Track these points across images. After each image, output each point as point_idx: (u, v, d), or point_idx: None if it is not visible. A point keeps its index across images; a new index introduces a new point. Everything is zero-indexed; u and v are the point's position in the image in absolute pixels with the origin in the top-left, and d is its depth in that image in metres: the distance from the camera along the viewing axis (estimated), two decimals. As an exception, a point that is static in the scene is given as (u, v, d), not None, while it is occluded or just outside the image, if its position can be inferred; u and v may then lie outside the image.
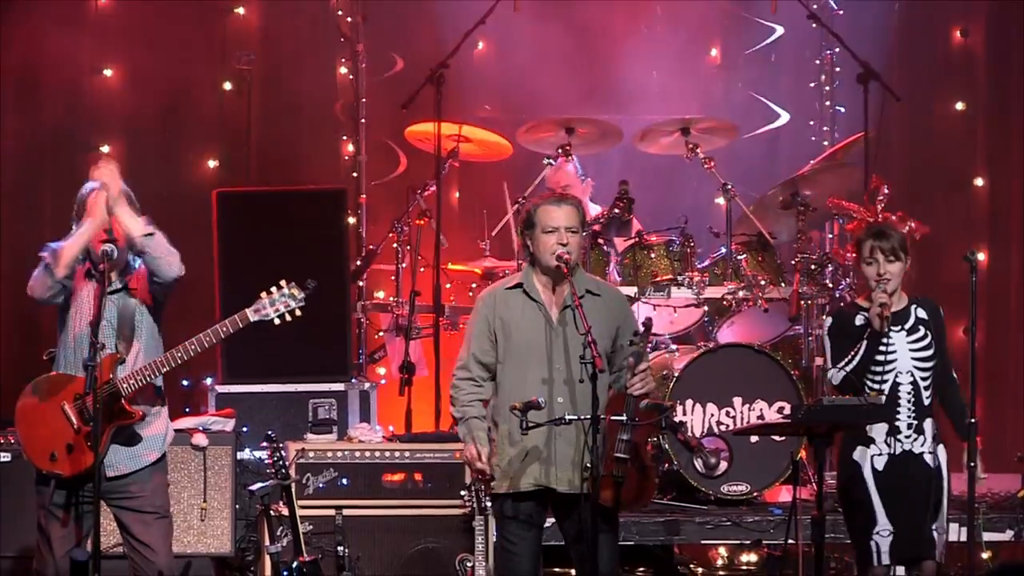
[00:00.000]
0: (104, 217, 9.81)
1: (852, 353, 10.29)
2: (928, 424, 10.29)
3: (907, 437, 10.25)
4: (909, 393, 10.26)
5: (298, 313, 10.09)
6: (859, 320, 10.28)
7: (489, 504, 10.15)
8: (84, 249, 9.81)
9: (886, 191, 12.06)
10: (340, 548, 11.08)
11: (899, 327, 10.32)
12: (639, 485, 10.20)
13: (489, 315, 10.05)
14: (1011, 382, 14.63)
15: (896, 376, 10.26)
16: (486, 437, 9.89)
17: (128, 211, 9.84)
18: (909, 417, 10.26)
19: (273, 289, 10.05)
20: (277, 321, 10.05)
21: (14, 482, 11.25)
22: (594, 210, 13.25)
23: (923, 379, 10.29)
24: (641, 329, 10.24)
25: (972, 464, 10.28)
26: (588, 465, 9.77)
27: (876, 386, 10.26)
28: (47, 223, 11.91)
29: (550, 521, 10.22)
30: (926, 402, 10.28)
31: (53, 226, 10.43)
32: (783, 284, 12.89)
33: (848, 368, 10.31)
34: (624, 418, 9.92)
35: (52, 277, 9.79)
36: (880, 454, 10.27)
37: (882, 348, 10.27)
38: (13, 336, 13.52)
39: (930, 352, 10.31)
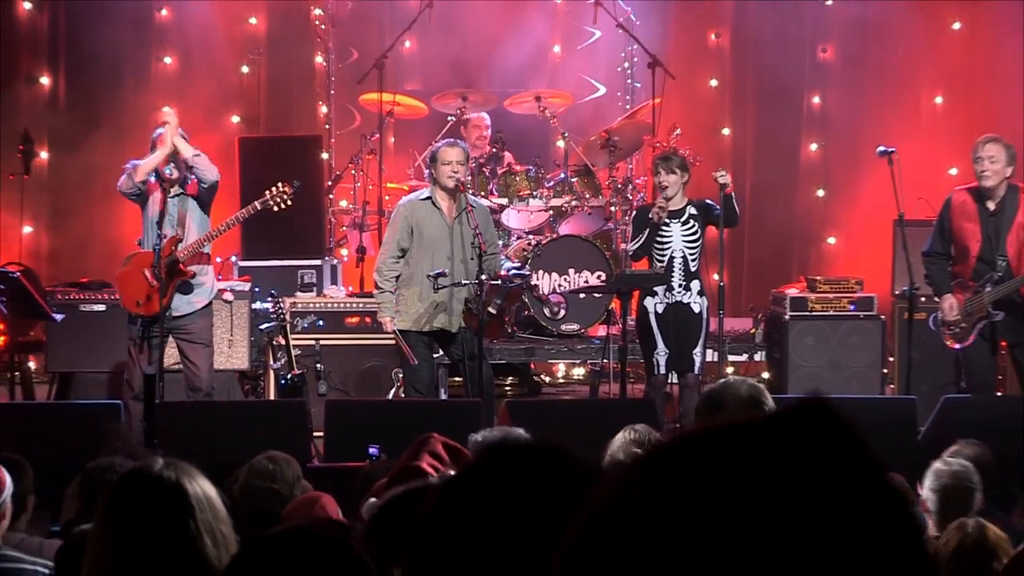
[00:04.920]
0: (170, 148, 10.02)
1: (641, 236, 10.54)
2: (694, 283, 10.44)
3: (678, 292, 10.43)
4: (680, 265, 10.42)
5: (289, 203, 10.36)
6: (651, 213, 10.43)
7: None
8: (156, 167, 10.01)
9: (678, 131, 12.18)
10: (318, 365, 11.03)
11: (677, 220, 10.45)
12: (495, 326, 10.67)
13: (408, 216, 10.29)
14: (745, 259, 14.72)
15: (672, 253, 10.42)
16: (393, 309, 10.28)
17: (183, 142, 10.07)
18: (680, 279, 10.42)
19: (272, 188, 10.30)
20: (275, 209, 10.31)
21: (107, 324, 11.30)
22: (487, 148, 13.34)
23: (690, 255, 10.42)
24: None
25: (721, 311, 10.50)
26: (473, 310, 10.15)
27: (660, 258, 10.50)
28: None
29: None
30: (692, 269, 10.42)
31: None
32: (600, 197, 12.86)
33: (635, 246, 10.58)
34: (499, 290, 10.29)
35: (132, 181, 10.02)
36: (660, 302, 10.44)
37: (664, 236, 10.51)
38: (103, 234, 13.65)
39: (695, 236, 10.44)
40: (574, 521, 1.27)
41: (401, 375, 10.91)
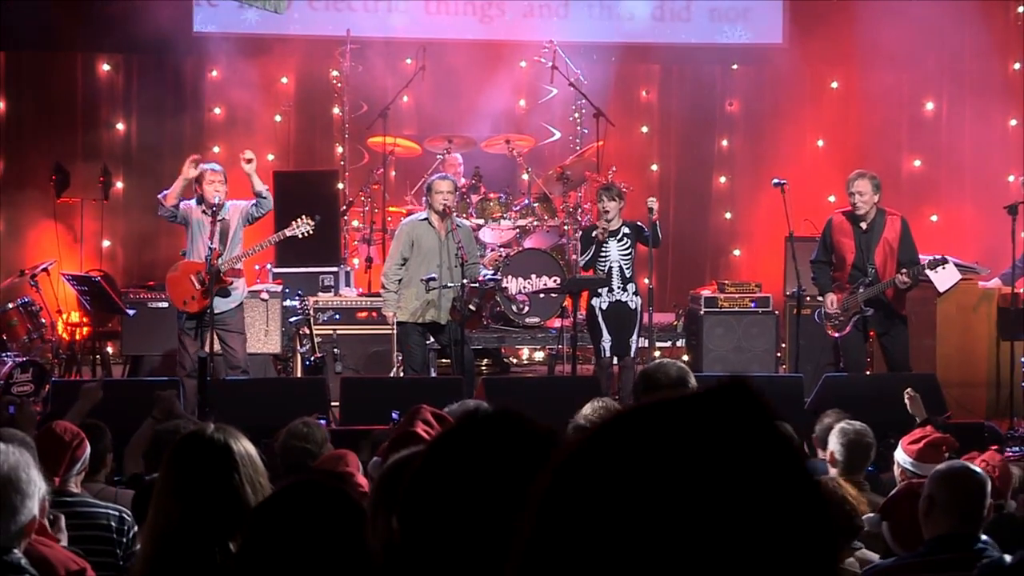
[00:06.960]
0: (186, 175, 9.85)
1: (587, 252, 10.57)
2: (630, 286, 10.43)
3: (617, 292, 10.42)
4: (617, 272, 10.42)
5: (311, 232, 10.17)
6: (594, 233, 10.49)
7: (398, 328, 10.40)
8: (181, 191, 9.88)
9: (614, 169, 12.15)
10: (335, 350, 11.00)
11: (614, 239, 10.47)
12: (474, 319, 10.65)
13: (410, 232, 10.25)
14: (670, 267, 14.73)
15: (610, 264, 10.42)
16: (395, 305, 10.26)
17: (256, 177, 10.00)
18: (618, 283, 10.42)
19: (297, 219, 10.13)
20: (300, 235, 10.14)
21: (169, 318, 11.22)
22: (461, 180, 13.26)
23: (625, 265, 10.41)
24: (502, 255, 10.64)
25: (650, 308, 10.47)
26: (457, 307, 10.15)
27: (602, 268, 10.54)
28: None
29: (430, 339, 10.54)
30: (627, 275, 10.42)
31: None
32: (556, 218, 12.79)
33: (584, 260, 10.60)
34: (477, 287, 10.26)
35: (164, 206, 9.90)
36: (604, 300, 10.44)
37: (604, 251, 10.53)
38: (165, 247, 13.54)
39: (628, 251, 10.43)
40: (542, 476, 1.28)
41: (400, 357, 10.90)
